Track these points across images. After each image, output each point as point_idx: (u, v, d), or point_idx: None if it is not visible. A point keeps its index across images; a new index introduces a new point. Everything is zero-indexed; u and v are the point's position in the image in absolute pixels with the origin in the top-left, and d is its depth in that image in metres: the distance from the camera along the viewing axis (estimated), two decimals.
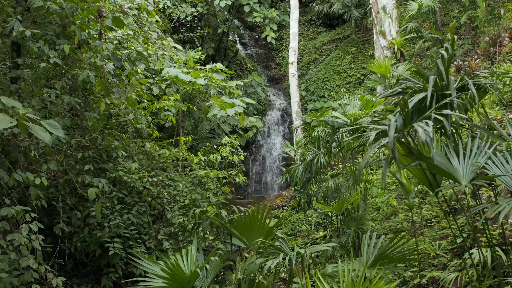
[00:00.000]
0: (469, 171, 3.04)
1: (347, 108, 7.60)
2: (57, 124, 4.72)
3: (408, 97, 3.50)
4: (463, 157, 3.12)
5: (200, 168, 9.82)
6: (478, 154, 3.13)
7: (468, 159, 3.10)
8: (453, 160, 3.10)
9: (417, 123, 2.91)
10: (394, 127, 2.84)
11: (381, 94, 4.00)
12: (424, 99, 3.32)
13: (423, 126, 2.81)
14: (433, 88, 3.33)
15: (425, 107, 3.29)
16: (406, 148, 3.13)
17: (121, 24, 6.84)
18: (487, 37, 10.13)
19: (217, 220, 4.98)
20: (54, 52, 5.63)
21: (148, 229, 8.42)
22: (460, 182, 3.00)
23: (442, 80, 3.40)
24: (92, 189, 5.98)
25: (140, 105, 8.91)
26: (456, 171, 3.04)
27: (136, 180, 8.09)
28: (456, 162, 3.10)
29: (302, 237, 11.81)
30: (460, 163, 3.09)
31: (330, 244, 5.08)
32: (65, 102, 5.66)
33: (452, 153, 3.13)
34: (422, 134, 2.75)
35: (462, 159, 3.11)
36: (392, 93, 3.76)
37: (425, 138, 2.73)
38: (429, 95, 3.24)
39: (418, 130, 2.82)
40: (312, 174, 8.07)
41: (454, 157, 3.11)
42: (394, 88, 3.73)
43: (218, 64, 12.49)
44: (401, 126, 2.90)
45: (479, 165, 3.07)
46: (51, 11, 5.94)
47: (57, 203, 7.43)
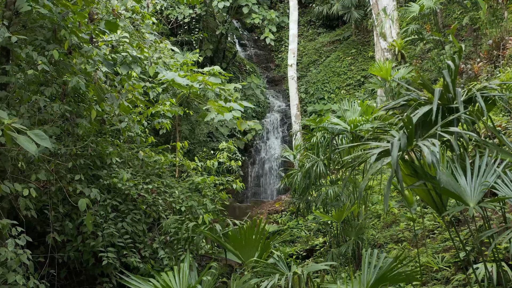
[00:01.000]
0: (477, 191, 2.84)
1: (347, 114, 7.40)
2: (44, 135, 4.52)
3: (412, 110, 3.30)
4: (470, 175, 2.92)
5: (197, 173, 9.62)
6: (487, 172, 2.94)
7: (476, 177, 2.90)
8: (460, 178, 2.90)
9: (423, 142, 2.71)
10: (397, 147, 2.64)
11: (384, 106, 3.79)
12: (429, 112, 3.12)
13: (429, 145, 2.61)
14: (439, 100, 3.13)
15: (430, 121, 3.09)
16: (409, 167, 2.94)
17: (114, 27, 6.63)
18: (490, 40, 9.93)
19: (211, 234, 4.78)
20: (43, 58, 5.43)
21: (143, 238, 8.23)
22: (468, 204, 2.80)
23: (448, 92, 3.20)
24: (83, 200, 5.78)
25: (136, 110, 8.72)
26: (463, 191, 2.83)
27: (131, 187, 7.90)
28: (463, 180, 2.90)
29: (301, 243, 11.63)
30: (468, 181, 2.90)
31: (329, 263, 4.87)
32: (55, 109, 5.46)
33: (459, 171, 2.93)
34: (428, 154, 2.55)
35: (469, 178, 2.91)
36: (396, 105, 3.56)
37: (431, 159, 2.53)
38: (434, 108, 3.04)
39: (423, 150, 2.62)
40: (311, 181, 7.87)
41: (461, 175, 2.91)
42: (397, 100, 3.54)
43: (216, 67, 12.28)
44: (405, 145, 2.70)
45: (488, 185, 2.88)
46: (41, 15, 5.74)
47: (49, 211, 7.24)
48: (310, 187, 8.14)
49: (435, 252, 5.91)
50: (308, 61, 20.97)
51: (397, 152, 2.60)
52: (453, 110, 3.18)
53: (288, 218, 12.93)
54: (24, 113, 5.65)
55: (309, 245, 11.10)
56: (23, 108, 5.54)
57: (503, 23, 12.04)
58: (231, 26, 18.01)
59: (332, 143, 7.47)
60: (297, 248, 11.19)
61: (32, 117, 5.84)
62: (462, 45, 14.42)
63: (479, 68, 9.98)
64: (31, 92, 6.04)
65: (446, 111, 3.21)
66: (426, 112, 3.14)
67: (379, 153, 2.79)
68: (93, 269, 7.91)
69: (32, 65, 5.64)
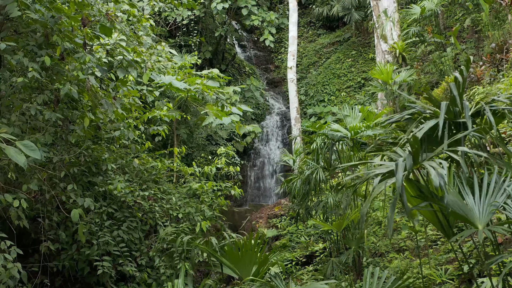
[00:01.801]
0: (486, 212, 2.67)
1: (348, 120, 7.23)
2: (33, 145, 4.35)
3: (417, 124, 3.14)
4: (478, 194, 2.75)
5: (195, 178, 9.46)
6: (496, 191, 2.77)
7: (484, 197, 2.74)
8: (467, 198, 2.74)
9: (429, 162, 2.54)
10: (402, 168, 2.47)
11: (388, 119, 3.62)
12: (435, 126, 2.96)
13: (436, 167, 2.45)
14: (445, 114, 2.97)
15: (436, 136, 2.93)
16: (414, 187, 2.78)
17: (109, 32, 6.47)
18: (493, 43, 9.76)
19: (207, 249, 4.62)
20: (35, 65, 5.27)
21: (140, 245, 8.07)
22: (477, 226, 2.63)
23: (455, 106, 3.04)
24: (76, 211, 5.62)
25: (132, 115, 8.56)
26: (471, 212, 2.67)
27: (127, 194, 7.74)
28: (471, 200, 2.74)
29: (301, 248, 11.46)
30: (476, 201, 2.73)
31: (330, 281, 4.70)
32: (46, 117, 5.30)
33: (466, 189, 2.77)
34: (435, 177, 2.39)
35: (477, 197, 2.74)
36: (400, 119, 3.39)
37: (439, 182, 2.37)
38: (441, 123, 2.87)
39: (430, 171, 2.45)
40: (311, 187, 7.72)
41: (468, 194, 2.75)
42: (402, 114, 3.37)
43: (215, 69, 12.12)
44: (411, 166, 2.54)
45: (498, 205, 2.71)
46: (32, 20, 5.58)
47: (43, 220, 7.09)
48: (310, 193, 7.99)
49: (438, 264, 5.74)
50: (308, 62, 20.79)
51: (402, 174, 2.44)
52: (460, 125, 3.02)
53: (288, 223, 12.75)
54: (16, 120, 5.49)
55: (308, 251, 10.93)
56: (14, 116, 5.38)
57: (506, 26, 11.88)
58: (230, 28, 17.84)
59: (332, 150, 7.31)
60: (296, 254, 11.02)
61: (24, 125, 5.68)
62: (463, 47, 14.25)
63: (482, 72, 9.81)
64: (23, 99, 5.88)
65: (452, 126, 3.05)
66: (432, 126, 2.97)
67: (383, 175, 2.62)
68: (89, 278, 7.76)
69: (23, 72, 5.48)
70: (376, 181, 2.62)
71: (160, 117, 8.83)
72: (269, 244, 12.55)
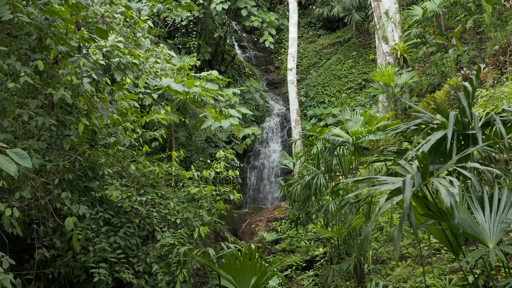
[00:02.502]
0: (497, 230, 2.53)
1: (349, 124, 7.09)
2: (25, 153, 4.21)
3: (424, 136, 2.99)
4: (489, 211, 2.61)
5: (193, 182, 9.31)
6: (507, 207, 2.63)
7: (495, 214, 2.59)
8: (477, 214, 2.59)
9: (439, 180, 2.39)
10: (410, 186, 2.33)
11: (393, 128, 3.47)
12: (442, 137, 2.81)
13: (447, 185, 2.30)
14: (454, 125, 2.82)
15: (445, 148, 2.78)
16: (422, 204, 2.63)
17: (105, 34, 6.33)
18: (496, 45, 9.61)
19: (204, 261, 4.48)
20: (28, 69, 5.12)
21: (137, 251, 7.93)
22: (487, 245, 2.49)
23: (464, 116, 2.89)
24: (70, 219, 5.47)
25: (130, 118, 8.41)
26: (481, 229, 2.52)
27: (124, 199, 7.59)
28: (481, 217, 2.59)
29: (301, 253, 11.31)
30: (486, 218, 2.59)
31: None
32: (39, 123, 5.15)
33: (475, 205, 2.62)
34: (446, 197, 2.24)
35: (488, 214, 2.60)
36: (405, 130, 3.25)
37: (450, 202, 2.22)
38: (449, 135, 2.73)
39: (440, 190, 2.30)
40: (311, 193, 7.58)
41: (478, 210, 2.61)
42: (408, 125, 3.22)
43: (214, 71, 11.98)
44: (419, 184, 2.40)
45: (509, 222, 2.57)
46: (25, 23, 5.43)
47: (38, 226, 6.95)
48: (310, 199, 7.86)
49: (442, 273, 5.60)
50: (308, 63, 20.64)
51: (410, 193, 2.30)
52: (469, 137, 2.88)
53: (288, 227, 12.60)
54: (8, 126, 5.34)
55: (309, 255, 10.79)
56: (6, 122, 5.23)
57: (509, 27, 11.73)
58: (230, 29, 17.69)
59: (333, 155, 7.17)
60: (296, 258, 10.88)
61: (17, 131, 5.53)
62: (465, 48, 14.10)
63: (485, 74, 9.66)
64: (15, 104, 5.73)
65: (461, 137, 2.90)
66: (440, 138, 2.83)
67: (390, 193, 2.48)
68: (85, 285, 7.61)
69: (17, 76, 5.33)
70: (382, 201, 2.47)
71: (158, 121, 8.68)
72: (269, 248, 12.41)
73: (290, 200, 8.78)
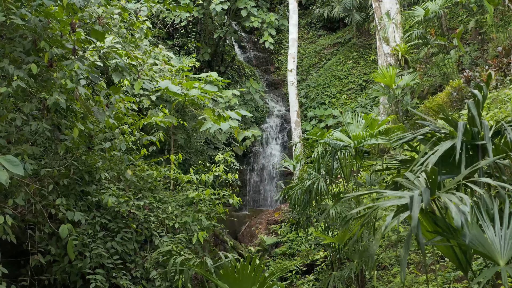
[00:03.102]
0: (509, 245, 2.39)
1: (350, 128, 6.96)
2: (17, 160, 4.08)
3: (431, 146, 2.86)
4: (499, 225, 2.48)
5: (192, 186, 9.18)
6: None
7: (506, 228, 2.46)
8: (487, 230, 2.46)
9: (449, 196, 2.26)
10: (418, 204, 2.19)
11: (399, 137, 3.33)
12: (451, 147, 2.68)
13: (457, 203, 2.17)
14: (463, 135, 2.69)
15: (454, 160, 2.64)
16: (429, 219, 2.50)
17: (101, 36, 6.20)
18: (499, 47, 9.48)
19: (201, 271, 4.35)
20: (21, 72, 4.98)
21: (134, 257, 7.80)
22: (497, 262, 2.36)
23: (473, 125, 2.76)
24: (64, 226, 5.34)
25: (127, 121, 8.29)
26: (491, 245, 2.39)
27: (121, 204, 7.46)
28: (491, 232, 2.45)
29: (301, 256, 11.18)
30: (497, 234, 2.45)
31: None
32: (33, 128, 5.02)
33: (485, 219, 2.49)
34: (457, 215, 2.11)
35: (498, 229, 2.46)
36: (412, 139, 3.11)
37: (461, 220, 2.09)
38: (458, 146, 2.59)
39: (450, 208, 2.16)
40: (312, 197, 7.46)
41: (489, 226, 2.47)
42: (414, 134, 3.08)
43: (213, 72, 11.84)
44: (428, 201, 2.26)
45: None
46: (19, 25, 5.29)
47: (34, 231, 6.83)
48: (311, 203, 7.73)
49: (445, 281, 5.46)
50: (308, 64, 20.51)
51: (418, 210, 2.17)
52: (478, 147, 2.75)
53: (288, 230, 12.47)
54: (1, 131, 5.21)
55: (309, 259, 10.67)
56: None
57: (510, 28, 11.60)
58: (230, 29, 17.55)
59: (334, 159, 7.04)
60: (296, 262, 10.75)
61: (11, 135, 5.40)
62: (467, 49, 13.97)
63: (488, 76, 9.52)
64: (12, 107, 5.60)
65: (469, 147, 2.77)
66: (448, 148, 2.70)
67: (396, 210, 2.34)
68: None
69: (10, 80, 5.20)
70: (388, 219, 2.34)
71: (156, 123, 8.55)
72: (269, 251, 12.29)
73: (290, 204, 8.66)
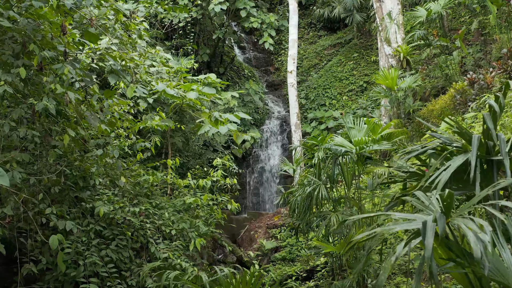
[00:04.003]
0: None
1: (352, 133, 6.75)
2: (1, 170, 3.88)
3: (442, 161, 2.65)
4: None
5: (190, 191, 8.98)
6: None
7: None
8: (503, 253, 2.25)
9: (465, 222, 2.04)
10: (432, 230, 1.98)
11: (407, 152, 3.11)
12: (464, 164, 2.47)
13: (476, 230, 1.95)
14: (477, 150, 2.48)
15: (468, 176, 2.43)
16: (443, 244, 2.28)
17: (95, 38, 5.99)
18: (504, 49, 9.27)
19: (195, 286, 4.15)
20: (9, 77, 4.78)
21: (130, 264, 7.59)
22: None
23: (489, 139, 2.55)
24: (54, 237, 5.13)
25: (123, 124, 8.08)
26: (507, 270, 2.18)
27: (116, 210, 7.26)
28: (507, 255, 2.24)
29: (301, 262, 10.98)
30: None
31: None
32: (21, 135, 4.81)
33: (502, 242, 2.27)
34: (476, 245, 1.89)
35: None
36: (422, 153, 2.90)
37: (480, 250, 1.88)
38: (473, 163, 2.37)
39: (468, 236, 1.94)
40: (312, 204, 7.25)
41: (505, 248, 2.26)
42: (424, 148, 2.87)
43: (212, 74, 11.63)
44: (444, 229, 2.04)
45: None
46: (9, 27, 5.08)
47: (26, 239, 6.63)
48: (311, 209, 7.53)
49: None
50: (308, 65, 20.29)
51: (433, 239, 1.95)
52: (493, 163, 2.53)
53: (288, 234, 12.27)
54: None
55: (309, 265, 10.46)
56: None
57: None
58: (229, 30, 17.33)
59: (335, 165, 6.84)
60: (296, 268, 10.55)
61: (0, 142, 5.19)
62: (469, 50, 13.76)
63: (492, 78, 9.32)
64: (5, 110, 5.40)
65: (483, 163, 2.57)
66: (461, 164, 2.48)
67: (408, 239, 2.13)
68: None
69: None
70: (399, 248, 2.12)
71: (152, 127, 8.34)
72: (268, 256, 12.08)
73: (290, 209, 8.45)
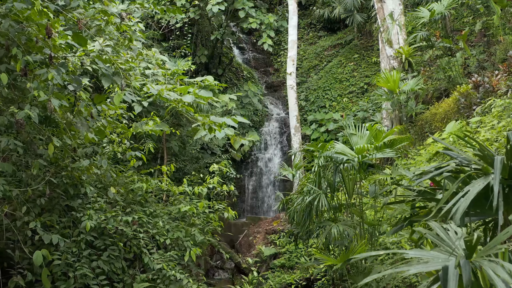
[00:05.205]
0: None
1: (354, 140, 6.46)
2: None
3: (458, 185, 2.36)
4: None
5: (185, 198, 8.68)
6: None
7: None
8: None
9: (493, 267, 1.76)
10: (455, 279, 1.70)
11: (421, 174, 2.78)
12: (484, 189, 2.18)
13: (507, 280, 1.67)
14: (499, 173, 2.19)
15: (485, 202, 2.16)
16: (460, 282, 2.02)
17: (83, 41, 5.70)
18: (510, 51, 8.98)
19: None
20: None
21: (123, 276, 7.31)
22: None
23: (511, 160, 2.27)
24: (39, 253, 4.85)
25: (117, 130, 7.80)
26: None
27: (108, 219, 6.97)
28: None
29: (301, 269, 10.69)
30: None
31: None
32: (2, 145, 4.53)
33: None
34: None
35: None
36: (437, 175, 2.60)
37: None
38: (496, 189, 2.08)
39: (496, 285, 1.67)
40: (312, 214, 6.97)
41: None
42: (440, 169, 2.56)
43: (209, 76, 11.34)
44: (469, 279, 1.76)
45: None
46: None
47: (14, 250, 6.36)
48: (311, 218, 7.26)
49: None
50: (308, 66, 19.99)
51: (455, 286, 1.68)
52: None
53: (287, 240, 11.98)
54: None
55: (309, 273, 10.18)
56: None
57: None
58: (227, 31, 17.04)
59: (336, 173, 6.55)
60: (296, 276, 10.27)
61: None
62: (472, 51, 13.46)
63: (497, 81, 9.04)
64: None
65: (505, 188, 2.29)
66: (481, 189, 2.20)
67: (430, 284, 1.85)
68: None
69: None
70: None
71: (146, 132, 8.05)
72: (267, 263, 11.80)
73: (289, 218, 8.18)
